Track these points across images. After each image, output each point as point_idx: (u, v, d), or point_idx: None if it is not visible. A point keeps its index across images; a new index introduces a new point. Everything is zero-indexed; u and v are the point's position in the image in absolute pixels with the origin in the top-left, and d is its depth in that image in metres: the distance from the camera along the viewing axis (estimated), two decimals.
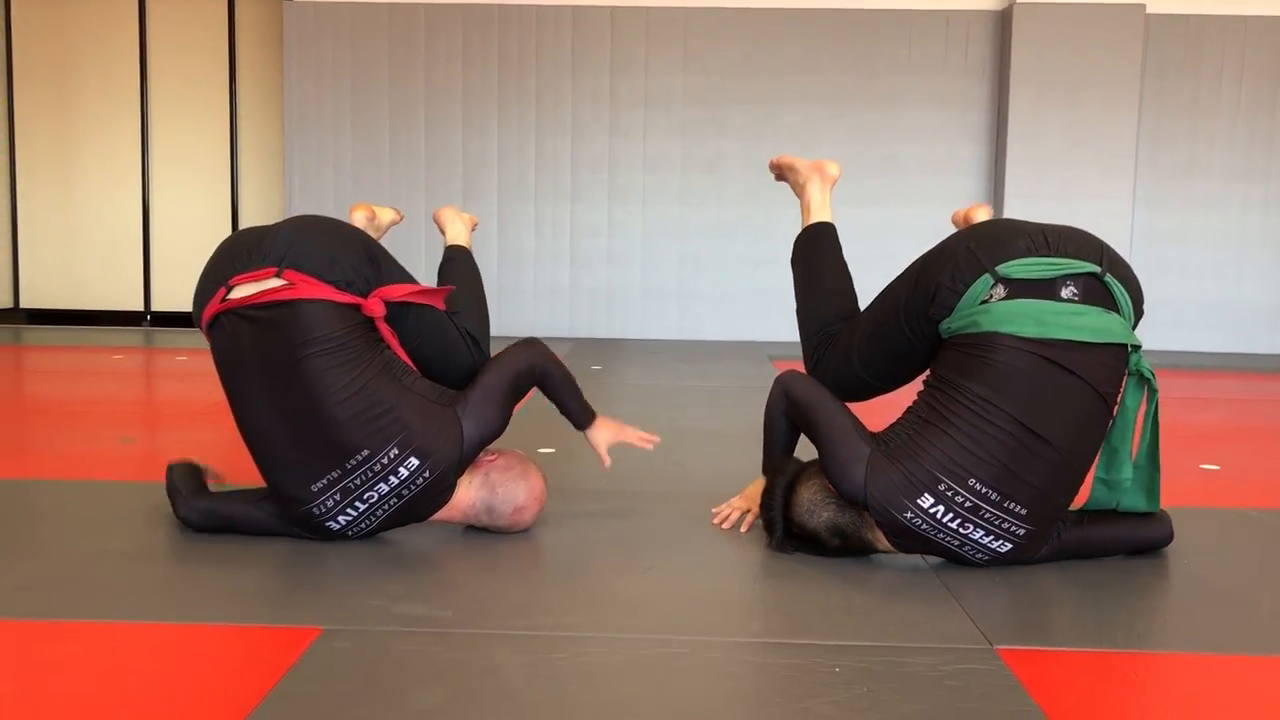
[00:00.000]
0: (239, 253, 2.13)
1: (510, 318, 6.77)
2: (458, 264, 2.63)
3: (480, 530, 2.32)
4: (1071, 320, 1.98)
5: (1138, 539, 2.19)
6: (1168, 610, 1.98)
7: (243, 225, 7.44)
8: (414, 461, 2.09)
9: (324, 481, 2.08)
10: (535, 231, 6.76)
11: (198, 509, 2.21)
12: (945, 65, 6.65)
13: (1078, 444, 2.00)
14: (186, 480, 2.25)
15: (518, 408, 2.30)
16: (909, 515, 2.01)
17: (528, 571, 2.10)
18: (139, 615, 1.80)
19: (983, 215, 2.61)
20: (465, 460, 2.17)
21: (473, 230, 2.85)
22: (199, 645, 1.68)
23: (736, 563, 2.17)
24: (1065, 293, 2.01)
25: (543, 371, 2.35)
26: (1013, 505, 1.98)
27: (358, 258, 2.15)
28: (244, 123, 7.41)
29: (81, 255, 7.55)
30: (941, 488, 1.98)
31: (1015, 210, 6.40)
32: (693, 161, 6.74)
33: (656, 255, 6.78)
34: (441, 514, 2.22)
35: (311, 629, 1.74)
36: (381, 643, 1.70)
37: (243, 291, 2.08)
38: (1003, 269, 2.02)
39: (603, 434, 2.44)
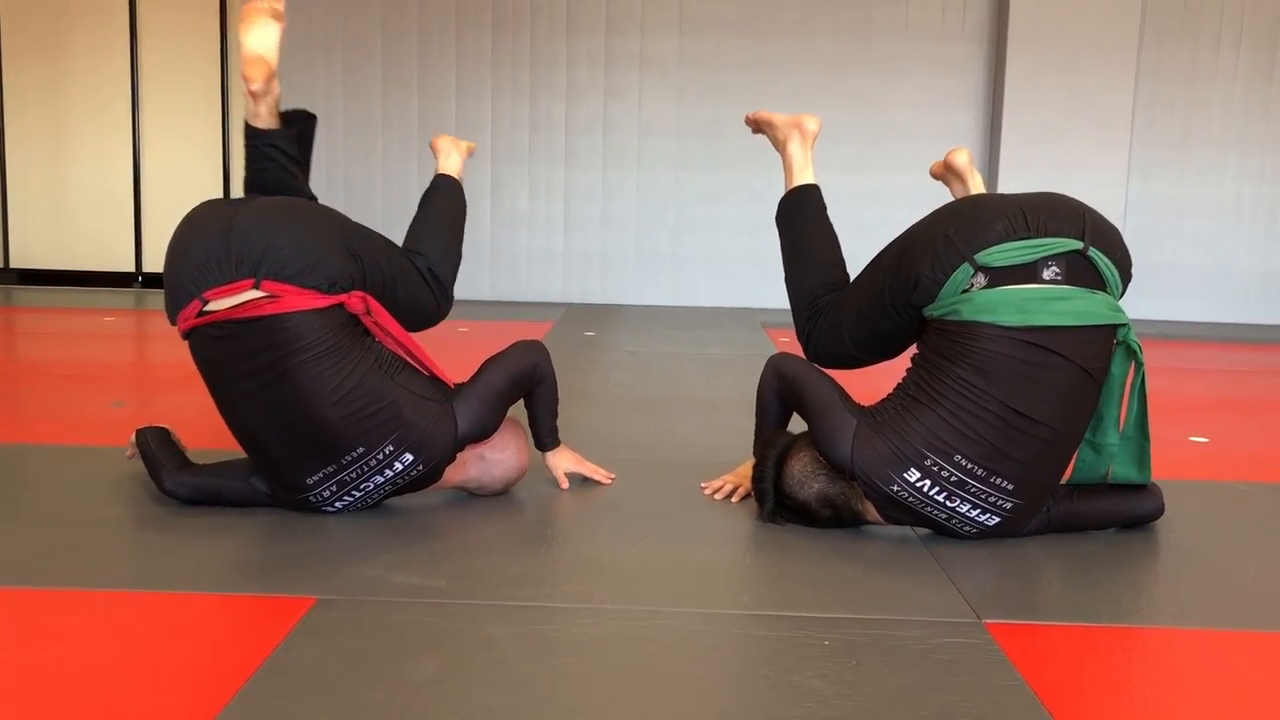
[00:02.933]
0: (207, 260, 1.99)
1: (503, 282, 6.75)
2: (440, 194, 2.56)
3: (473, 499, 2.33)
4: (1054, 305, 1.98)
5: (1128, 513, 2.21)
6: (1156, 584, 2.00)
7: (234, 186, 7.38)
8: (408, 457, 2.11)
9: (319, 475, 2.10)
10: (529, 195, 6.73)
11: (186, 484, 2.20)
12: (943, 30, 6.60)
13: (1066, 422, 2.01)
14: (166, 452, 2.25)
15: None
16: (895, 488, 2.02)
17: (521, 542, 2.11)
18: (133, 584, 1.81)
19: (961, 160, 2.53)
20: (457, 453, 2.18)
21: (469, 155, 2.76)
22: (194, 614, 1.70)
23: (728, 535, 2.18)
24: (1047, 274, 2.00)
25: (541, 377, 2.34)
26: (999, 481, 1.99)
27: (335, 251, 2.06)
28: (236, 82, 7.34)
29: (72, 215, 7.49)
30: (927, 463, 1.99)
31: (1010, 179, 6.39)
32: (689, 125, 6.69)
33: (651, 220, 6.75)
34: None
35: (306, 598, 1.75)
36: (376, 612, 1.71)
37: (220, 305, 2.00)
38: (981, 257, 2.00)
39: (563, 460, 2.47)
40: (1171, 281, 6.62)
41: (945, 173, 2.60)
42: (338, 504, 2.15)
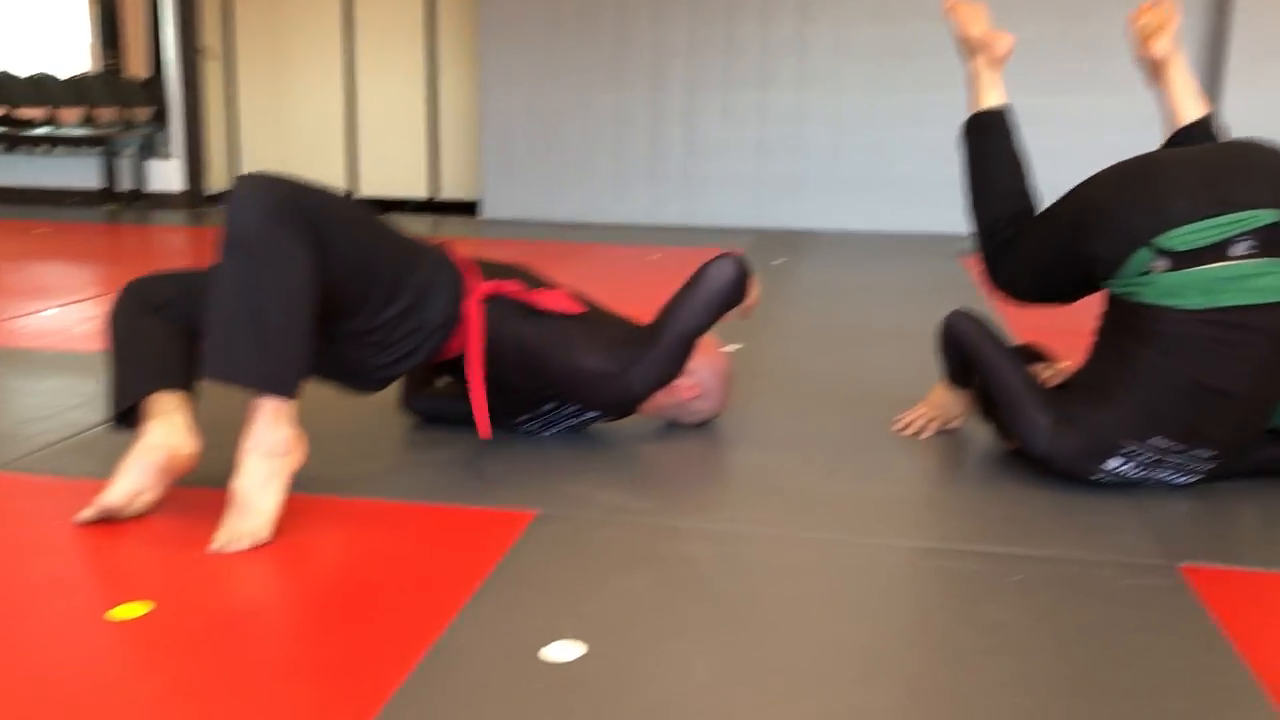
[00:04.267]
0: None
1: (694, 207, 6.83)
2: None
3: (675, 427, 2.47)
4: (1247, 283, 1.87)
5: None
6: None
7: (442, 115, 7.71)
8: (592, 414, 2.34)
9: (524, 418, 2.35)
10: (722, 121, 6.75)
11: (422, 408, 2.46)
12: None
13: (1267, 390, 1.95)
14: (414, 375, 2.48)
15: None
16: (1095, 476, 2.04)
17: (719, 469, 2.23)
18: (378, 493, 2.03)
19: (1160, 48, 2.25)
20: (643, 402, 2.31)
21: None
22: (431, 523, 1.90)
23: (919, 469, 2.24)
24: (1239, 249, 1.87)
25: (739, 294, 2.32)
26: (1199, 451, 1.98)
27: None
28: (442, 13, 7.62)
29: (292, 145, 7.99)
30: (1125, 451, 1.99)
31: (1238, 99, 5.97)
32: (887, 45, 6.54)
33: (845, 144, 6.67)
34: None
35: (528, 512, 1.93)
36: (590, 528, 1.87)
37: None
38: (1162, 241, 1.89)
39: None
40: None
41: (1145, 63, 2.34)
42: (546, 433, 2.37)
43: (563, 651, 1.45)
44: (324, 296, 1.87)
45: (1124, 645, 1.49)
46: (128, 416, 1.93)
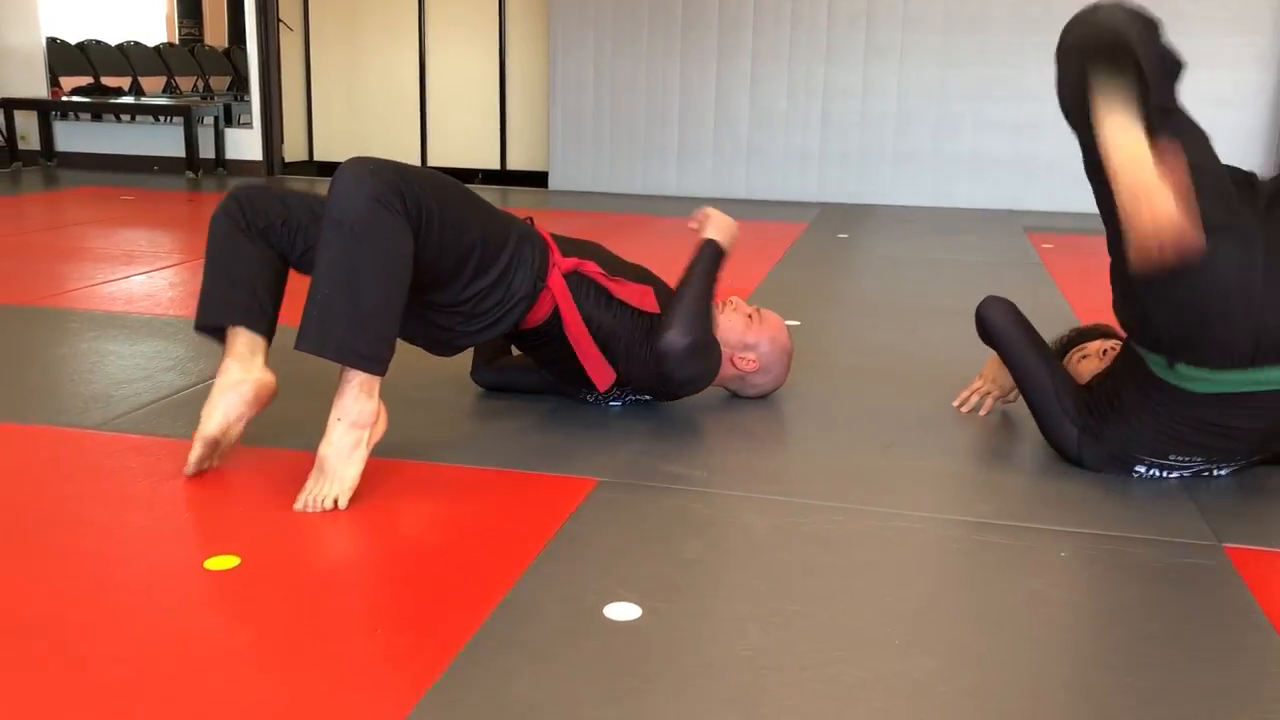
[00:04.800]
0: None
1: (759, 180, 6.85)
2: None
3: (736, 400, 2.54)
4: (1256, 376, 1.87)
5: None
6: None
7: (511, 86, 7.81)
8: (648, 395, 2.45)
9: (588, 394, 2.46)
10: (787, 93, 6.75)
11: (490, 379, 2.57)
12: None
13: None
14: (484, 349, 2.58)
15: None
16: (1130, 476, 2.08)
17: (775, 441, 2.31)
18: (450, 459, 2.14)
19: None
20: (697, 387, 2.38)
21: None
22: (500, 488, 2.00)
23: (973, 446, 2.29)
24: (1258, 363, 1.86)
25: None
26: (1222, 464, 2.04)
27: None
28: None
29: (365, 115, 8.15)
30: (1147, 462, 2.05)
31: None
32: (956, 19, 6.48)
33: (912, 118, 6.64)
34: None
35: (590, 479, 2.02)
36: (649, 496, 1.96)
37: None
38: (1186, 371, 1.91)
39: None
40: None
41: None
42: (612, 404, 2.45)
43: (623, 611, 1.54)
44: (418, 272, 1.97)
45: (1164, 621, 1.54)
46: (210, 328, 2.08)
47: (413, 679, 1.35)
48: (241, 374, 2.02)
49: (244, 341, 2.04)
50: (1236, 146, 6.18)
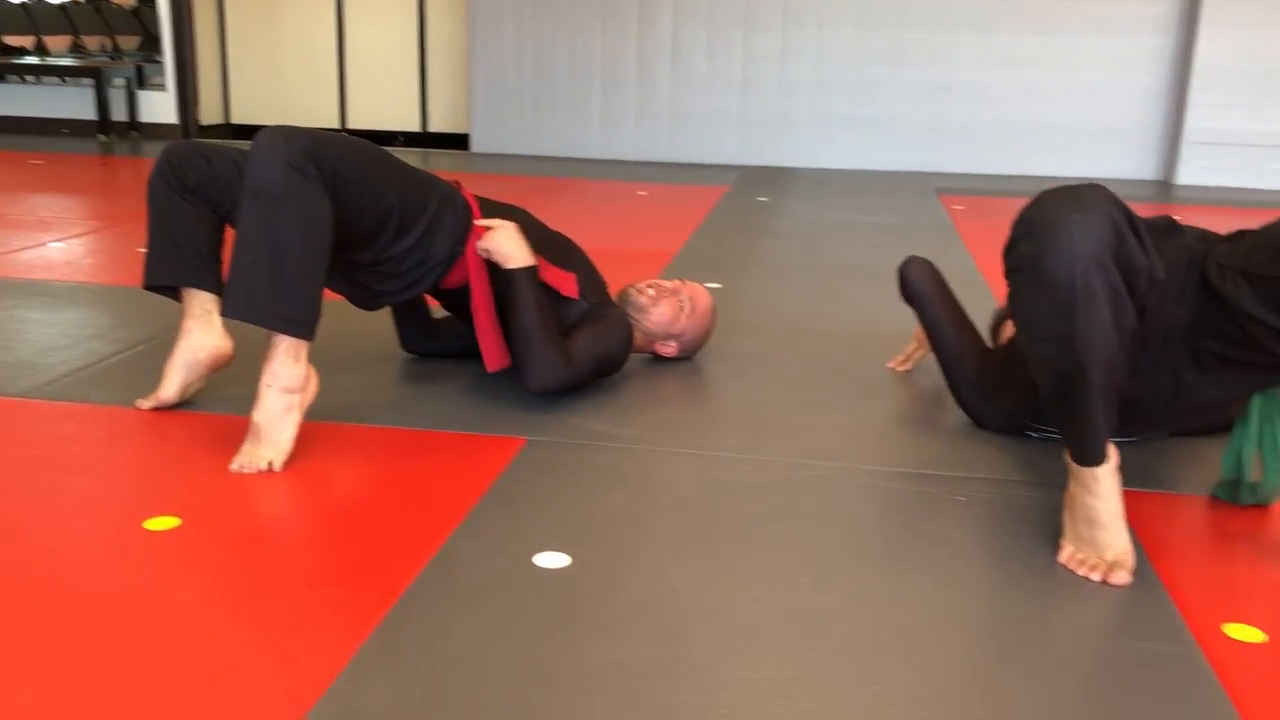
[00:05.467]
0: None
1: (681, 144, 6.93)
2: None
3: (654, 360, 2.64)
4: None
5: None
6: None
7: (431, 47, 7.76)
8: None
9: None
10: (708, 56, 6.82)
11: (421, 348, 2.62)
12: None
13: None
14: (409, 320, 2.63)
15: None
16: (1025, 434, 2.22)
17: (695, 399, 2.41)
18: (381, 421, 2.20)
19: None
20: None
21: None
22: (431, 448, 2.07)
23: (881, 400, 2.42)
24: None
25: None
26: (1121, 436, 2.16)
27: None
28: None
29: (283, 76, 8.03)
30: (1034, 430, 2.17)
31: (1211, 43, 6.07)
32: None
33: (829, 82, 6.76)
34: None
35: (519, 438, 2.11)
36: (577, 453, 2.05)
37: None
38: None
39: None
40: None
41: None
42: None
43: (552, 560, 1.63)
44: (337, 234, 2.02)
45: (1049, 558, 1.68)
46: (160, 288, 2.24)
47: (353, 627, 1.43)
48: (202, 338, 2.19)
49: (198, 302, 2.20)
50: (1138, 107, 6.42)
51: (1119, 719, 1.28)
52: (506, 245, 2.24)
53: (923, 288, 2.35)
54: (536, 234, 2.41)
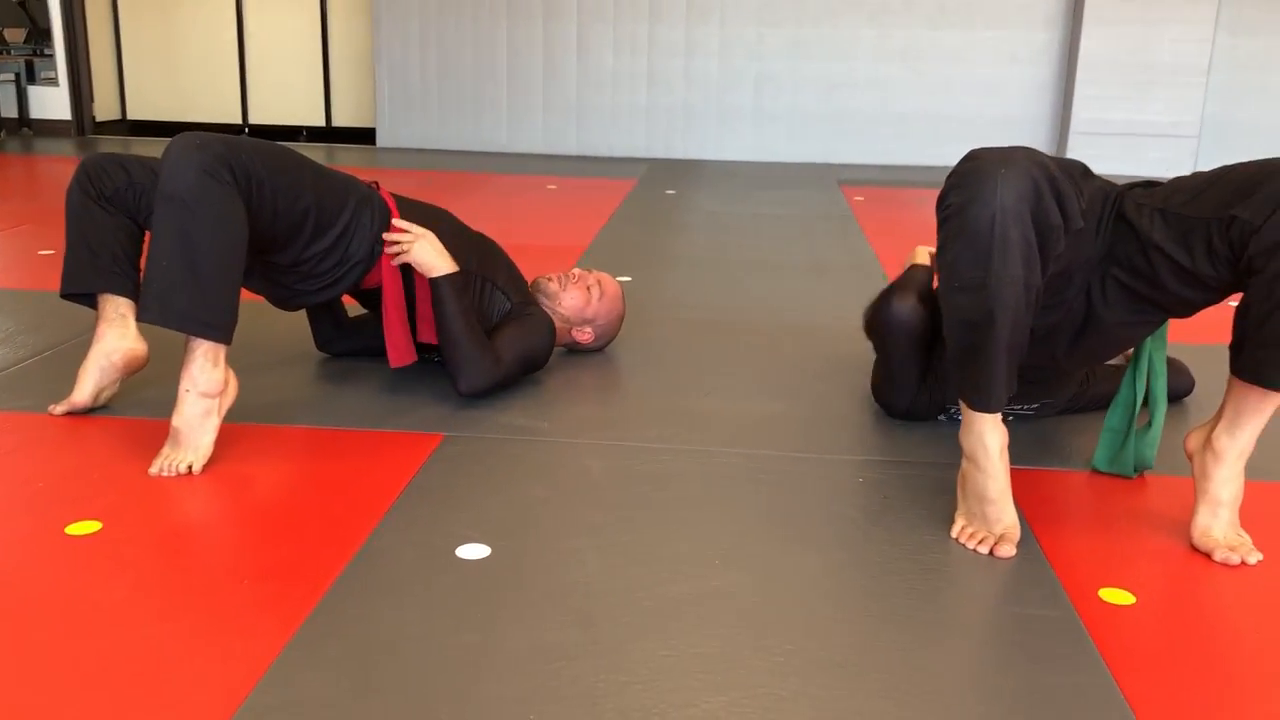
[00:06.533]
0: None
1: (589, 138, 6.99)
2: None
3: (573, 354, 2.70)
4: None
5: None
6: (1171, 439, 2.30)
7: (334, 41, 7.68)
8: None
9: (434, 350, 2.50)
10: (614, 51, 6.89)
11: (336, 348, 2.65)
12: None
13: (1068, 364, 2.10)
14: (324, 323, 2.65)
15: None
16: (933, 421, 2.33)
17: (609, 392, 2.48)
18: (300, 421, 2.23)
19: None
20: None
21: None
22: (350, 446, 2.11)
23: (789, 388, 2.53)
24: None
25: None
26: (1019, 406, 2.29)
27: None
28: None
29: (181, 71, 7.87)
30: (949, 411, 2.29)
31: (1094, 36, 6.34)
32: None
33: (733, 75, 6.89)
34: None
35: (436, 435, 2.16)
36: (493, 447, 2.11)
37: None
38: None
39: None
40: (1252, 142, 6.61)
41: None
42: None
43: (473, 551, 1.69)
44: (254, 237, 2.04)
45: (944, 532, 1.80)
46: (76, 296, 2.26)
47: (281, 622, 1.48)
48: (116, 342, 2.20)
49: (113, 306, 2.22)
50: (1028, 99, 6.68)
51: (1003, 678, 1.40)
52: (426, 256, 2.27)
53: (907, 329, 2.23)
54: (457, 236, 2.45)
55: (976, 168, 1.69)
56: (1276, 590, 1.65)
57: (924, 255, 2.31)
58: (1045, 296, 1.80)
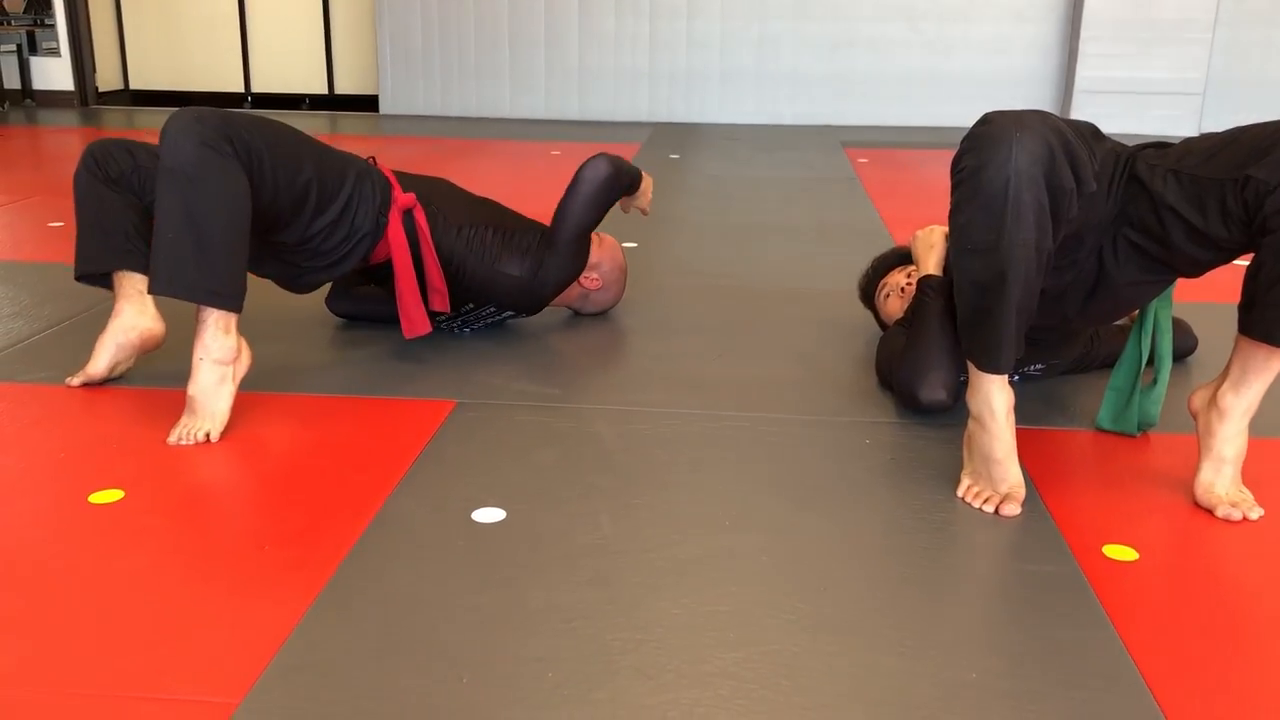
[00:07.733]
0: None
1: (592, 102, 6.98)
2: None
3: (579, 320, 2.73)
4: None
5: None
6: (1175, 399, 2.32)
7: (336, 7, 7.64)
8: (506, 313, 2.62)
9: (443, 317, 2.59)
10: (615, 14, 6.86)
11: (345, 309, 2.69)
12: None
13: (1075, 323, 2.11)
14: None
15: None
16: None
17: (618, 356, 2.51)
18: (315, 389, 2.26)
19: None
20: (556, 296, 2.60)
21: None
22: (364, 413, 2.14)
23: (796, 352, 2.55)
24: None
25: (624, 183, 2.59)
26: (1027, 368, 2.31)
27: None
28: None
29: (182, 41, 7.84)
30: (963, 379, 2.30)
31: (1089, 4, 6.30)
32: None
33: (735, 37, 6.85)
34: None
35: (449, 401, 2.19)
36: (505, 413, 2.14)
37: None
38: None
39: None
40: (1257, 98, 6.58)
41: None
42: (464, 331, 2.61)
43: (489, 515, 1.72)
44: (258, 215, 2.06)
45: (951, 491, 1.83)
46: (90, 276, 2.28)
47: (303, 585, 1.51)
48: (135, 319, 2.23)
49: (130, 283, 2.24)
50: (1032, 58, 6.64)
51: (1009, 633, 1.43)
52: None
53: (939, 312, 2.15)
54: (463, 201, 2.49)
55: (990, 131, 1.70)
56: (1277, 545, 1.68)
57: (939, 236, 2.30)
58: (1057, 258, 1.82)
